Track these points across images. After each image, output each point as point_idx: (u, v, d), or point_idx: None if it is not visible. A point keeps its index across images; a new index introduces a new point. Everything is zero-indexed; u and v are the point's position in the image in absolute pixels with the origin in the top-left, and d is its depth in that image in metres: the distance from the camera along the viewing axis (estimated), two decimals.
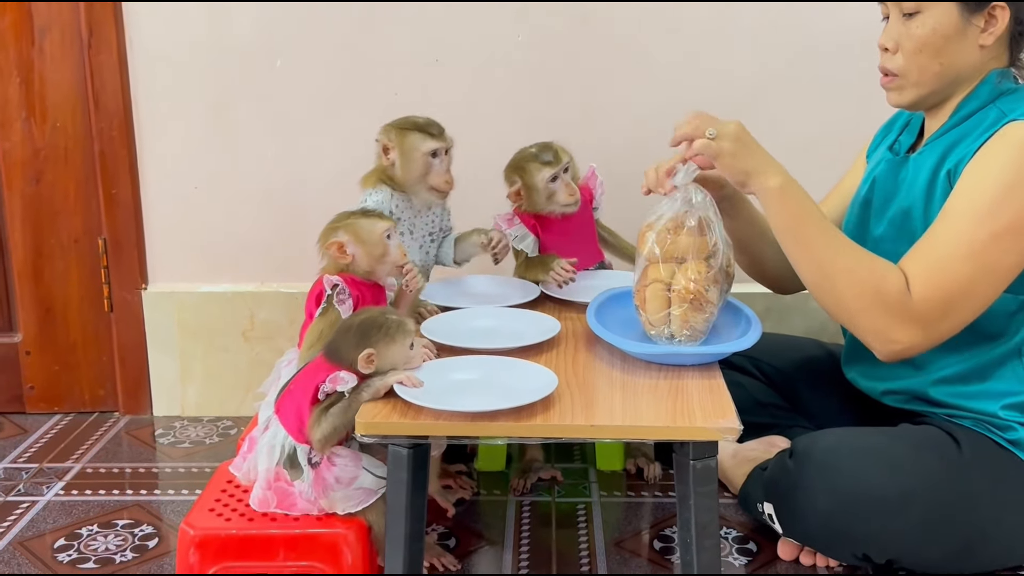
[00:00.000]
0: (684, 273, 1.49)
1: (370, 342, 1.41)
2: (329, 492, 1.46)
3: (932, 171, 1.57)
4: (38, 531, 1.82)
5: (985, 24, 1.52)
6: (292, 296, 2.23)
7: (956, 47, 1.53)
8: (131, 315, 2.27)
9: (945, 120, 1.60)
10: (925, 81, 1.56)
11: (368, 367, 1.41)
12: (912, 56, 1.55)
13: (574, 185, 1.86)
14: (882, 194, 1.67)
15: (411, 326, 1.45)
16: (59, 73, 2.18)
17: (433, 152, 1.76)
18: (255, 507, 1.50)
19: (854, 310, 1.50)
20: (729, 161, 1.48)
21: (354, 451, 1.48)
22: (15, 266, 2.26)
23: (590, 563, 1.69)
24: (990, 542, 1.55)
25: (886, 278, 1.47)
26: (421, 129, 1.77)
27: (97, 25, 2.13)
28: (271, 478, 1.48)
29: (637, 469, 1.98)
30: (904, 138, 1.71)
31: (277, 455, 1.47)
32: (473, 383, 1.43)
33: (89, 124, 2.19)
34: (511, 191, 1.88)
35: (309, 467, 1.45)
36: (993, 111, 1.54)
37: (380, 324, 1.43)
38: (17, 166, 2.21)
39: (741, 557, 1.70)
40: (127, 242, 2.24)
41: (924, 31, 1.53)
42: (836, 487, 1.52)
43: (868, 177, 1.72)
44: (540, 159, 1.84)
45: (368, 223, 1.58)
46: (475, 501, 1.89)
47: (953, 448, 1.55)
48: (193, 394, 2.31)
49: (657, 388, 1.43)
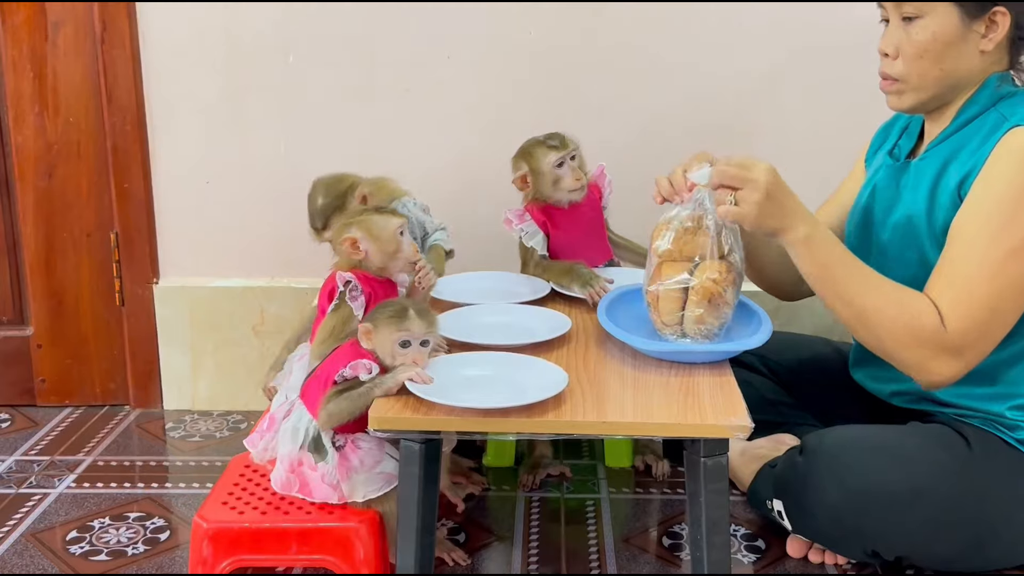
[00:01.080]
0: (704, 272, 1.49)
1: (374, 317, 1.45)
2: (352, 475, 1.47)
3: (934, 178, 1.57)
4: (50, 523, 1.83)
5: (986, 30, 1.52)
6: (302, 291, 2.24)
7: (957, 52, 1.53)
8: (142, 309, 2.28)
9: (946, 125, 1.60)
10: (926, 86, 1.56)
11: (366, 340, 1.44)
12: (913, 61, 1.54)
13: (580, 172, 1.86)
14: (884, 201, 1.67)
15: (412, 326, 1.43)
16: (72, 68, 2.18)
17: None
18: (277, 489, 1.52)
19: (892, 348, 1.50)
20: (754, 223, 1.45)
21: (378, 439, 1.49)
22: (27, 259, 2.27)
23: (599, 560, 1.70)
24: (1000, 539, 1.55)
25: (921, 315, 1.47)
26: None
27: (110, 20, 2.14)
28: (294, 461, 1.50)
29: (645, 466, 1.99)
30: (904, 142, 1.71)
31: (301, 438, 1.49)
32: (484, 379, 1.43)
33: (102, 119, 2.20)
34: (516, 176, 1.88)
35: (333, 449, 1.47)
36: (993, 115, 1.54)
37: (388, 306, 1.46)
38: (30, 160, 2.22)
39: (750, 554, 1.70)
40: (139, 236, 2.25)
41: (925, 36, 1.52)
42: (846, 483, 1.52)
43: (869, 183, 1.72)
44: (547, 144, 1.85)
45: (381, 219, 1.58)
46: (484, 497, 1.90)
47: (963, 445, 1.55)
48: (203, 388, 2.32)
49: (668, 385, 1.44)
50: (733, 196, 1.44)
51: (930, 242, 1.56)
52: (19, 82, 2.18)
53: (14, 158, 2.22)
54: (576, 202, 1.88)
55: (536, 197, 1.88)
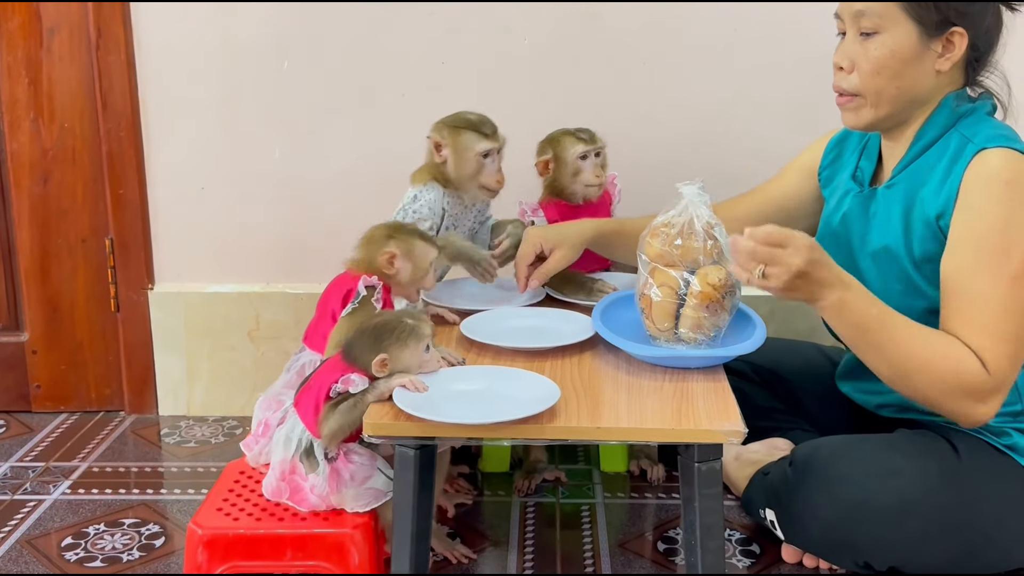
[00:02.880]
0: (704, 277, 1.49)
1: (383, 346, 1.43)
2: (342, 488, 1.47)
3: (905, 206, 1.56)
4: (45, 530, 1.83)
5: (943, 49, 1.51)
6: (298, 297, 2.24)
7: (913, 71, 1.52)
8: (137, 315, 2.28)
9: (906, 147, 1.58)
10: (882, 103, 1.54)
11: (382, 371, 1.42)
12: (869, 77, 1.52)
13: (601, 170, 1.89)
14: (858, 229, 1.64)
15: (427, 330, 1.46)
16: (67, 74, 2.19)
17: (486, 153, 1.77)
18: (267, 495, 1.52)
19: (936, 400, 1.47)
20: (781, 295, 1.40)
21: (371, 451, 1.50)
22: (22, 265, 2.27)
23: (594, 564, 1.70)
24: (992, 546, 1.55)
25: (962, 365, 1.44)
26: (475, 128, 1.76)
27: (105, 26, 2.14)
28: (286, 469, 1.50)
29: (641, 471, 1.99)
30: (864, 164, 1.69)
31: (294, 447, 1.49)
32: (474, 394, 1.42)
33: (97, 124, 2.20)
34: (540, 160, 1.91)
35: (325, 461, 1.47)
36: (955, 137, 1.53)
37: (393, 328, 1.44)
38: (25, 166, 2.22)
39: (744, 559, 1.71)
40: (134, 242, 2.25)
41: (882, 52, 1.51)
42: (836, 497, 1.52)
43: (837, 209, 1.69)
44: (576, 135, 1.88)
45: (425, 247, 1.62)
46: (479, 502, 1.90)
47: (951, 454, 1.55)
48: (199, 394, 2.32)
49: (662, 390, 1.44)
50: (762, 268, 1.37)
51: (915, 272, 1.55)
52: (14, 88, 2.18)
53: (9, 164, 2.22)
54: (590, 200, 1.91)
55: (553, 188, 1.91)
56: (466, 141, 1.76)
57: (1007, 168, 1.46)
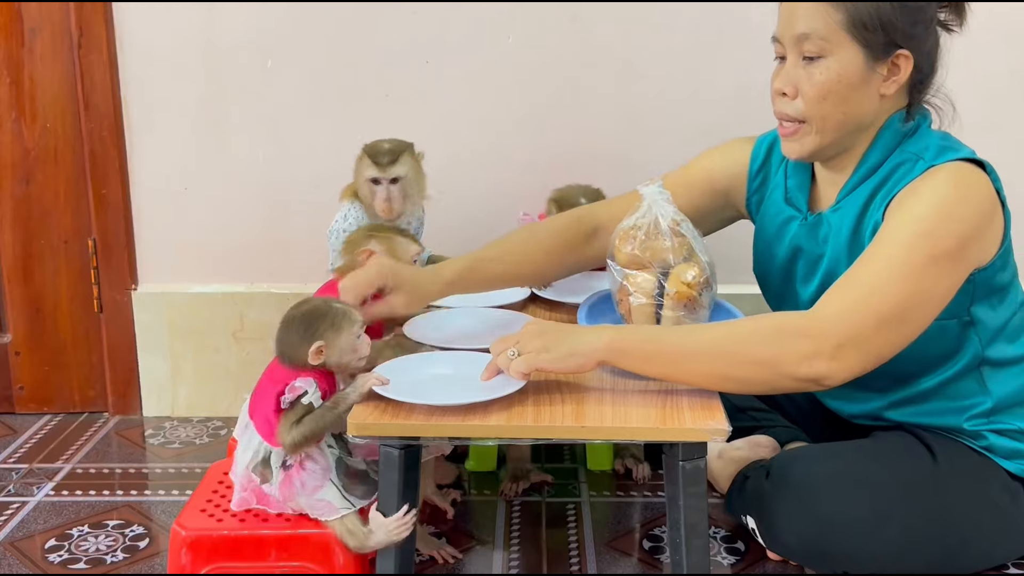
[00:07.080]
0: (677, 277, 1.49)
1: (317, 334, 1.41)
2: (295, 496, 1.46)
3: (854, 224, 1.53)
4: (28, 532, 1.82)
5: (888, 72, 1.48)
6: (282, 297, 2.23)
7: (859, 95, 1.47)
8: (121, 316, 2.27)
9: (849, 173, 1.55)
10: (827, 129, 1.49)
11: (318, 359, 1.41)
12: (815, 103, 1.47)
13: None
14: (808, 257, 1.61)
15: (356, 315, 1.44)
16: (49, 73, 2.18)
17: (374, 179, 1.79)
18: (235, 508, 1.50)
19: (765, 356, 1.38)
20: (549, 358, 1.37)
21: (327, 462, 1.47)
22: (5, 266, 2.26)
23: (580, 562, 1.70)
24: (971, 547, 1.55)
25: (772, 318, 1.43)
26: (369, 155, 1.80)
27: (87, 25, 2.13)
28: (246, 480, 1.48)
29: (626, 469, 1.99)
30: (793, 185, 1.64)
31: (249, 457, 1.47)
32: (446, 378, 1.42)
33: (79, 124, 2.19)
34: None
35: (281, 469, 1.45)
36: (904, 155, 1.50)
37: (324, 313, 1.42)
38: (7, 167, 2.21)
39: (729, 556, 1.71)
40: (117, 243, 2.24)
41: (828, 77, 1.46)
42: (812, 511, 1.52)
43: (780, 239, 1.65)
44: None
45: (404, 242, 1.62)
46: (466, 501, 1.90)
47: (928, 459, 1.55)
48: (183, 395, 2.31)
49: (646, 389, 1.44)
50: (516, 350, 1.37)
51: None
52: None
53: None
54: None
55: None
56: (360, 166, 1.82)
57: (956, 174, 1.45)
